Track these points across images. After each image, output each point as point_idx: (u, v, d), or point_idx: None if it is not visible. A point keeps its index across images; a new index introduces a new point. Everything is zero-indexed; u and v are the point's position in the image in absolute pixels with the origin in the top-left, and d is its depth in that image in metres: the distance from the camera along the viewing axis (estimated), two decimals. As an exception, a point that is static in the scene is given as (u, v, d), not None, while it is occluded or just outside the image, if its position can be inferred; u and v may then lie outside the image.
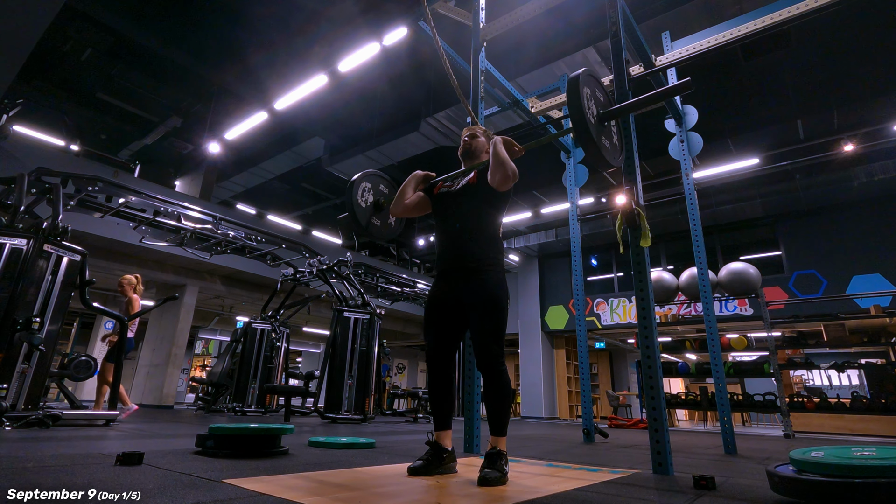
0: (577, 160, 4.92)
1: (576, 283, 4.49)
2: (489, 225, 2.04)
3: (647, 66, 3.69)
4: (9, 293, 3.60)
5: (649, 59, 3.63)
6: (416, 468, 1.87)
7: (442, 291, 2.04)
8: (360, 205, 2.47)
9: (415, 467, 1.87)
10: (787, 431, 5.97)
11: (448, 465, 1.95)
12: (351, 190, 2.44)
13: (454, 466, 1.99)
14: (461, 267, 1.98)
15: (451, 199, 2.12)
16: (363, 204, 2.50)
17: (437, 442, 1.96)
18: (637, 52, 3.51)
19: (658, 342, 2.35)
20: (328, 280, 7.49)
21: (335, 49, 7.39)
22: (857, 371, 9.61)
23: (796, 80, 7.25)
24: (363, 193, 2.50)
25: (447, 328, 2.03)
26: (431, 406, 2.06)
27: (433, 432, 2.00)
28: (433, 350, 2.03)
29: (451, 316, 2.01)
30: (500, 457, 1.82)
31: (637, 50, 3.47)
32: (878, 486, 1.28)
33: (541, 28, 6.37)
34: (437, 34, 3.13)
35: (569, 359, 13.43)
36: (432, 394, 2.05)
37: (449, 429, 2.02)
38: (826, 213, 9.79)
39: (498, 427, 1.91)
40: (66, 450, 2.24)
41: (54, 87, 9.06)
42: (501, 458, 1.82)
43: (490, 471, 1.75)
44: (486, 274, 1.94)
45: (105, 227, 7.60)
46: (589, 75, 2.00)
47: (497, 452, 1.84)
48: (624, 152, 2.22)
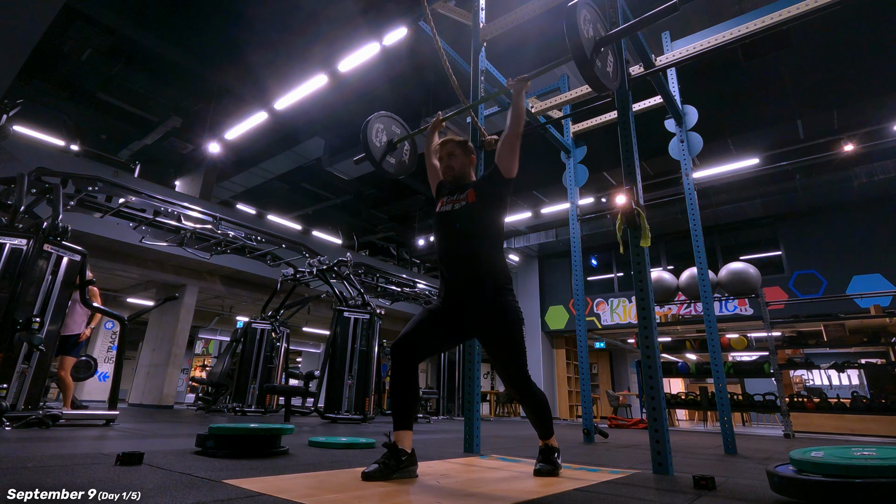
0: (577, 160, 4.92)
1: (576, 283, 4.49)
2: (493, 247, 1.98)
3: (647, 66, 3.69)
4: (9, 293, 3.60)
5: (649, 59, 3.63)
6: (371, 473, 1.68)
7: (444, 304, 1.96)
8: (374, 144, 2.66)
9: (369, 472, 1.69)
10: (787, 431, 5.97)
11: (408, 468, 1.77)
12: (366, 130, 2.63)
13: (415, 470, 1.82)
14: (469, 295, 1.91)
15: (450, 217, 2.03)
16: (377, 143, 2.69)
17: (394, 443, 1.78)
18: (637, 52, 3.50)
19: (658, 342, 2.35)
20: (328, 280, 7.50)
21: (335, 49, 7.39)
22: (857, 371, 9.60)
23: (796, 80, 7.25)
24: (377, 134, 2.68)
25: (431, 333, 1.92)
26: (392, 403, 1.86)
27: (391, 433, 1.83)
28: (405, 342, 1.86)
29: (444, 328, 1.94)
30: (553, 452, 2.05)
31: (637, 50, 3.47)
32: (878, 486, 1.28)
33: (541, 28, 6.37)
34: (437, 34, 3.13)
35: (569, 359, 13.43)
36: (393, 389, 1.84)
37: (410, 429, 1.83)
38: (826, 213, 9.79)
39: (543, 431, 2.09)
40: (66, 450, 2.24)
41: (54, 87, 9.06)
42: (554, 453, 2.05)
43: (544, 464, 2.01)
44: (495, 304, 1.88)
45: (105, 227, 7.60)
46: (589, 4, 2.16)
47: (549, 448, 2.06)
48: (619, 80, 2.46)
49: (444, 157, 2.18)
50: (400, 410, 1.84)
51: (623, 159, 2.63)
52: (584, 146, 4.99)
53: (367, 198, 13.57)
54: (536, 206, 11.37)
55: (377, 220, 14.88)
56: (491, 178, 2.09)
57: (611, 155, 6.15)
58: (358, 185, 12.48)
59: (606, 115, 4.97)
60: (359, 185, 12.49)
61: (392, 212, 14.15)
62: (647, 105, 4.63)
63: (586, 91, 4.41)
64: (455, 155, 2.16)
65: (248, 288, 11.25)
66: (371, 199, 13.73)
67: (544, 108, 4.67)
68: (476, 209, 1.99)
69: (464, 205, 2.02)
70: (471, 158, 2.21)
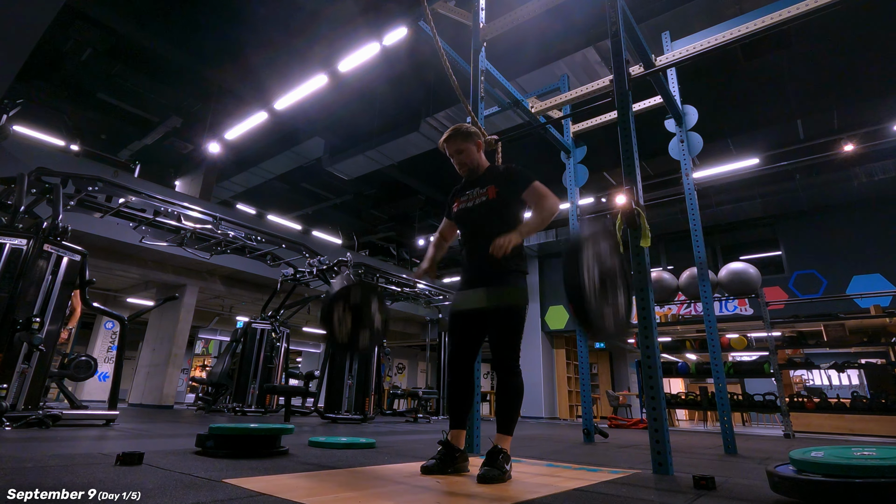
0: (577, 160, 4.92)
1: (576, 283, 4.48)
2: None
3: (647, 66, 3.69)
4: (9, 293, 3.60)
5: (649, 59, 3.63)
6: (429, 467, 1.88)
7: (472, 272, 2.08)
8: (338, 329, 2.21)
9: (427, 466, 1.89)
10: (787, 431, 5.97)
11: (461, 464, 1.96)
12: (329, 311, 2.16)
13: (467, 466, 2.00)
14: (484, 276, 2.02)
15: (471, 214, 2.13)
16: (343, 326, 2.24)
17: (449, 441, 1.97)
18: (637, 52, 3.50)
19: (658, 342, 2.35)
20: (328, 280, 7.49)
21: (335, 49, 7.39)
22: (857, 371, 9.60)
23: (796, 80, 7.25)
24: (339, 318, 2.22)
25: (468, 332, 2.07)
26: (448, 406, 2.09)
27: (447, 431, 2.01)
28: (453, 353, 2.07)
29: (472, 321, 2.06)
30: (500, 454, 1.82)
31: (637, 50, 3.47)
32: (878, 486, 1.28)
33: (541, 28, 6.37)
34: (437, 34, 3.13)
35: (569, 359, 13.42)
36: (449, 394, 2.07)
37: (463, 429, 2.04)
38: (826, 213, 9.79)
39: (504, 425, 1.94)
40: (66, 450, 2.24)
41: (54, 87, 9.06)
42: (500, 455, 1.81)
43: (489, 468, 1.75)
44: (506, 281, 1.98)
45: (105, 227, 7.60)
46: (595, 233, 1.78)
47: (497, 450, 1.84)
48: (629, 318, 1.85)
49: (454, 155, 2.22)
50: (455, 412, 2.05)
51: (623, 159, 2.63)
52: (584, 146, 4.99)
53: (367, 198, 13.58)
54: (536, 206, 11.36)
55: (377, 220, 14.88)
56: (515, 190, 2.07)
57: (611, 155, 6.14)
58: (358, 185, 12.49)
59: (606, 115, 4.97)
60: (359, 185, 12.49)
61: (392, 212, 14.15)
62: (647, 105, 4.63)
63: (586, 91, 4.41)
64: (462, 150, 2.19)
65: (248, 288, 11.25)
66: (371, 199, 13.73)
67: (544, 108, 4.66)
68: (496, 205, 2.07)
69: (484, 200, 2.08)
70: (477, 144, 2.21)
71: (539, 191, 2.06)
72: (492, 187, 2.08)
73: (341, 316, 2.20)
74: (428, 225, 14.29)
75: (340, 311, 2.19)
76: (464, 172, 2.22)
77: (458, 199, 2.21)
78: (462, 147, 2.18)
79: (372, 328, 2.31)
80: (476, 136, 2.20)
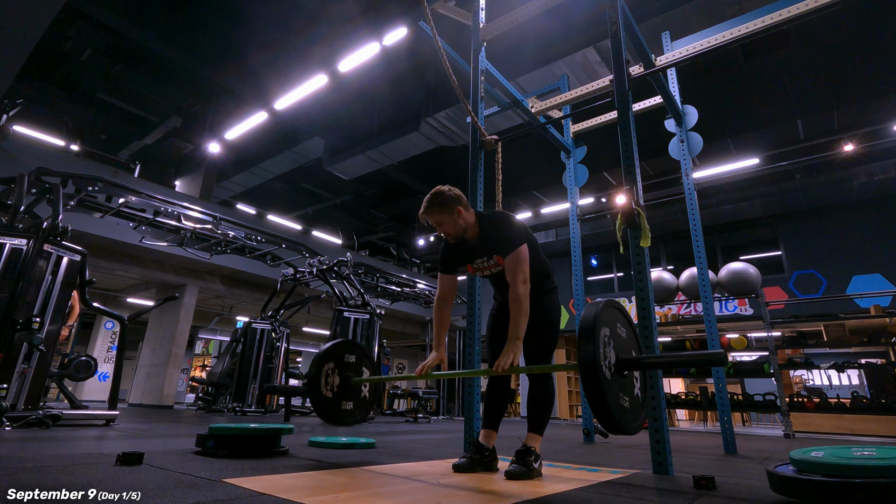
0: (577, 160, 4.91)
1: (576, 283, 4.49)
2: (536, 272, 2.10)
3: (647, 66, 3.69)
4: (9, 293, 3.60)
5: (649, 59, 3.63)
6: (461, 465, 1.96)
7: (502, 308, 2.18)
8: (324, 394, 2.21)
9: (459, 464, 1.97)
10: (787, 431, 5.97)
11: (491, 462, 2.03)
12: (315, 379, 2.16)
13: (496, 464, 2.06)
14: None
15: (496, 279, 2.18)
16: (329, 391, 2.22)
17: (478, 440, 2.06)
18: (637, 52, 3.50)
19: (658, 342, 2.35)
20: (328, 280, 7.49)
21: (335, 49, 7.39)
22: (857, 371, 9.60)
23: (796, 80, 7.25)
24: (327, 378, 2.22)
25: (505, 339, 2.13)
26: (484, 407, 2.20)
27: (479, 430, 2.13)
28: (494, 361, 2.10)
29: None
30: (530, 454, 1.90)
31: (637, 50, 3.47)
32: (878, 486, 1.28)
33: (541, 28, 6.37)
34: (437, 34, 3.12)
35: (569, 359, 13.42)
36: (488, 397, 2.18)
37: (495, 430, 2.11)
38: (826, 213, 9.79)
39: (536, 426, 2.03)
40: (66, 450, 2.24)
41: (54, 87, 9.07)
42: (531, 455, 1.90)
43: (517, 465, 1.84)
44: (543, 298, 2.10)
45: (105, 227, 7.60)
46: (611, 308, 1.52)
47: (527, 449, 1.92)
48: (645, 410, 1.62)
49: (437, 227, 2.11)
50: (489, 413, 2.14)
51: (623, 159, 2.63)
52: (584, 146, 4.98)
53: (367, 198, 13.58)
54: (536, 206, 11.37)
55: (377, 220, 14.89)
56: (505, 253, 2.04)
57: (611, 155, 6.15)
58: (358, 185, 12.49)
59: (606, 115, 4.97)
60: (359, 186, 12.50)
61: (392, 212, 14.16)
62: (647, 105, 4.63)
63: (586, 91, 4.41)
64: (443, 223, 2.07)
65: (248, 288, 11.25)
66: (371, 199, 13.73)
67: (544, 108, 4.66)
68: None
69: (500, 270, 2.10)
70: (457, 211, 2.04)
71: (514, 265, 1.97)
72: (498, 258, 2.07)
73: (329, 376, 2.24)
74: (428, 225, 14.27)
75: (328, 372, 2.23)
76: (451, 241, 2.14)
77: (470, 265, 2.18)
78: (441, 219, 2.06)
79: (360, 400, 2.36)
80: (454, 202, 2.04)
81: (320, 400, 2.17)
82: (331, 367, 2.27)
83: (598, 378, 1.30)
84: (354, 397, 2.35)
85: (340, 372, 2.30)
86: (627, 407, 1.41)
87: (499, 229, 2.07)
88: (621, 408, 1.35)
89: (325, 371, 2.22)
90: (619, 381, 1.40)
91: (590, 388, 1.31)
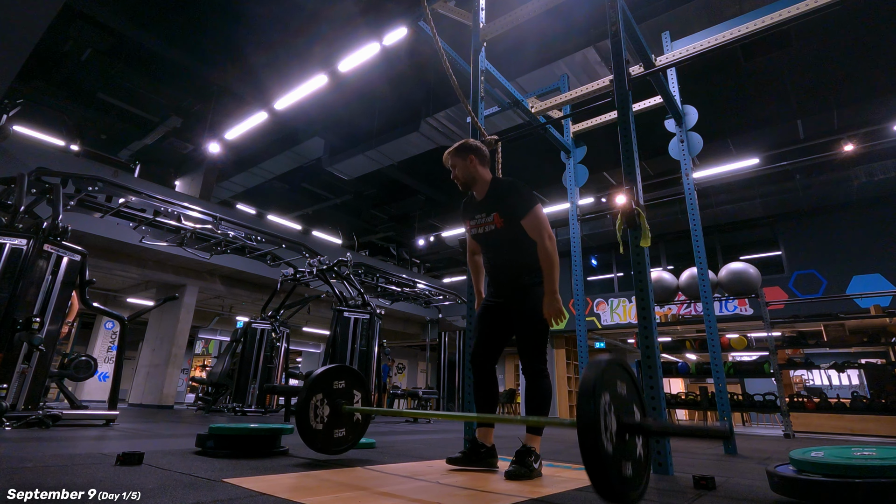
0: (577, 160, 4.91)
1: (576, 283, 4.49)
2: (527, 254, 2.11)
3: (647, 66, 3.68)
4: (9, 293, 3.60)
5: (649, 59, 3.63)
6: (455, 459, 2.03)
7: (492, 299, 2.20)
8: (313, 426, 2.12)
9: (453, 458, 2.03)
10: (787, 431, 5.97)
11: (488, 460, 2.05)
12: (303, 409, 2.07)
13: (495, 463, 2.08)
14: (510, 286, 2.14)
15: (485, 240, 2.21)
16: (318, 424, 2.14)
17: (476, 438, 2.10)
18: (637, 52, 3.50)
19: (658, 342, 2.35)
20: (328, 280, 7.49)
21: (335, 49, 7.39)
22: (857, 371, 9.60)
23: (796, 80, 7.25)
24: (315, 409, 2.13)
25: (492, 335, 2.16)
26: (476, 404, 2.18)
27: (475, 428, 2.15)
28: (477, 354, 2.16)
29: (498, 322, 2.16)
30: (530, 454, 1.90)
31: (637, 50, 3.47)
32: (878, 486, 1.28)
33: (541, 28, 6.37)
34: (437, 34, 3.13)
35: (569, 359, 13.41)
36: (476, 394, 2.16)
37: (491, 427, 2.15)
38: (826, 213, 9.79)
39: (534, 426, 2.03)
40: (66, 450, 2.24)
41: (54, 87, 9.07)
42: (531, 455, 1.90)
43: (518, 466, 1.84)
44: (532, 290, 2.08)
45: (105, 227, 7.60)
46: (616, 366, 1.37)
47: (527, 449, 1.92)
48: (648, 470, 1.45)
49: (452, 170, 2.27)
50: (480, 410, 2.15)
51: (623, 159, 2.63)
52: (584, 146, 4.98)
53: (367, 198, 13.57)
54: (536, 206, 11.36)
55: (377, 220, 14.88)
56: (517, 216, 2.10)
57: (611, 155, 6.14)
58: (358, 185, 12.48)
59: (606, 115, 4.97)
60: (359, 185, 12.49)
61: (392, 212, 14.15)
62: (647, 105, 4.63)
63: (586, 91, 4.41)
64: (456, 166, 2.24)
65: (248, 288, 11.25)
66: (371, 199, 13.72)
67: (544, 108, 4.66)
68: (503, 233, 2.14)
69: (493, 229, 2.16)
70: (469, 159, 2.21)
71: (536, 223, 2.07)
72: (496, 215, 2.13)
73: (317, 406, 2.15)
74: (428, 225, 14.28)
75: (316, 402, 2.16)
76: (460, 186, 2.26)
77: (470, 221, 2.26)
78: (455, 162, 2.23)
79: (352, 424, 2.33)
80: (471, 150, 2.21)
81: (309, 433, 2.08)
82: (319, 398, 2.15)
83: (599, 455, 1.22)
84: (346, 423, 2.28)
85: (330, 400, 2.20)
86: (630, 475, 1.30)
87: (508, 191, 2.16)
88: (623, 479, 1.26)
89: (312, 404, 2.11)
90: (620, 448, 1.29)
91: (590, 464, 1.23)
